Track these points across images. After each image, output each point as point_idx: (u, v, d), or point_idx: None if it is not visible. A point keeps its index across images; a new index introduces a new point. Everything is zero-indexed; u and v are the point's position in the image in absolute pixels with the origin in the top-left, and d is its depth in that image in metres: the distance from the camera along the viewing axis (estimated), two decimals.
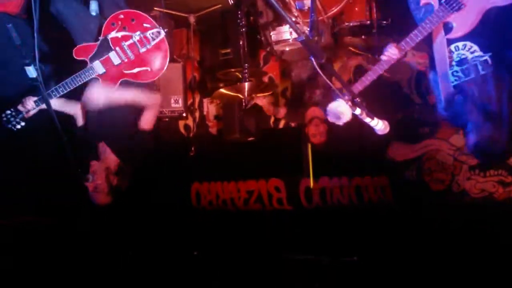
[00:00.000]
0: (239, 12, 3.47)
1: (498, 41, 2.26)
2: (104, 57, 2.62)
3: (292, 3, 2.82)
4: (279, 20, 3.15)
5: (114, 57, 2.62)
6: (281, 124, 4.31)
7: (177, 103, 4.18)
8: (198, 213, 4.52)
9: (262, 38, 3.45)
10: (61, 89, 2.54)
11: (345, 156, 3.71)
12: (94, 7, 2.74)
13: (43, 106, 2.55)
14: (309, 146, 3.87)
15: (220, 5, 3.99)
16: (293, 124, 4.21)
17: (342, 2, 2.89)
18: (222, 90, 3.74)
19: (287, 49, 3.36)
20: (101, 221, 3.23)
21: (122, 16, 2.65)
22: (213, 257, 3.69)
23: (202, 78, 4.58)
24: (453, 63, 2.32)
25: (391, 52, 2.28)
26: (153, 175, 4.26)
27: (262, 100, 4.19)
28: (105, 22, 2.65)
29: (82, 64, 2.67)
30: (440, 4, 2.25)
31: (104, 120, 2.71)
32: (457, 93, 2.32)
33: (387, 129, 2.05)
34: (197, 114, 4.60)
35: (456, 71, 2.31)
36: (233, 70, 3.92)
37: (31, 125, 2.71)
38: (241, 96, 3.66)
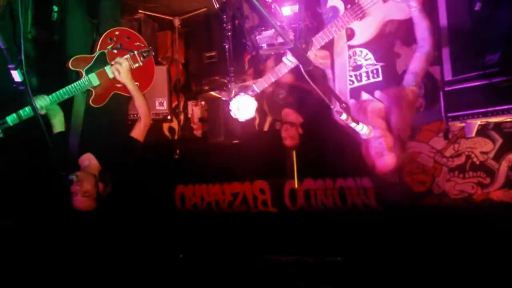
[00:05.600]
0: (224, 16, 3.48)
1: (390, 53, 2.39)
2: (100, 70, 2.72)
3: (278, 9, 2.85)
4: (264, 25, 3.18)
5: (109, 71, 2.73)
6: (266, 126, 4.34)
7: (161, 106, 4.17)
8: (182, 215, 4.51)
9: (248, 42, 3.47)
10: (55, 98, 2.62)
11: (329, 159, 3.77)
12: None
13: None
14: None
15: (205, 8, 4.01)
16: (277, 127, 4.25)
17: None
18: (212, 93, 3.76)
19: (273, 53, 3.39)
20: (84, 224, 3.21)
21: (117, 33, 2.80)
22: (199, 259, 3.70)
23: (187, 80, 4.58)
24: (349, 67, 2.40)
25: (289, 59, 2.33)
26: (137, 177, 4.24)
27: None
28: (102, 37, 2.76)
29: (68, 73, 2.76)
30: (346, 9, 2.33)
31: (94, 129, 2.78)
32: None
33: (372, 133, 2.11)
34: (181, 117, 4.60)
35: (350, 75, 2.40)
36: (218, 77, 3.94)
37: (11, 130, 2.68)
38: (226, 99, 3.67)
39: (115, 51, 2.76)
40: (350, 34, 2.36)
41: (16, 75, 2.01)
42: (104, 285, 3.41)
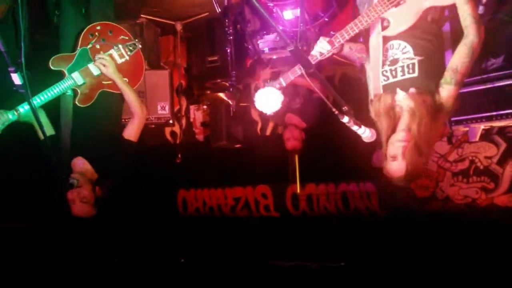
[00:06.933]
0: (226, 20, 3.49)
1: (432, 46, 2.11)
2: (83, 68, 2.59)
3: (279, 13, 2.85)
4: (266, 29, 3.18)
5: (93, 68, 2.60)
6: (268, 131, 4.33)
7: (163, 110, 4.17)
8: (184, 220, 4.50)
9: (250, 46, 3.48)
10: (38, 100, 2.45)
11: (332, 163, 3.75)
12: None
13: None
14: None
15: (207, 13, 4.02)
16: (279, 131, 4.24)
17: (328, 11, 2.94)
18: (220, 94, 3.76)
19: (275, 57, 3.39)
20: (84, 228, 3.19)
21: (99, 28, 2.65)
22: (200, 264, 3.68)
23: (189, 85, 4.58)
24: (387, 62, 2.16)
25: (321, 46, 2.12)
26: (139, 182, 4.24)
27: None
28: (82, 33, 2.61)
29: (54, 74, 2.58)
30: None
31: (86, 132, 2.64)
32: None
33: (374, 137, 2.07)
34: (183, 121, 4.59)
35: (386, 71, 2.16)
36: (219, 80, 3.94)
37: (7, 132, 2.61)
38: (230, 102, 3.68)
39: (97, 46, 2.61)
40: (386, 25, 2.12)
41: (16, 78, 2.00)
42: None
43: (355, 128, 1.98)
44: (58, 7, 2.71)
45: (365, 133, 2.00)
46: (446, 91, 1.98)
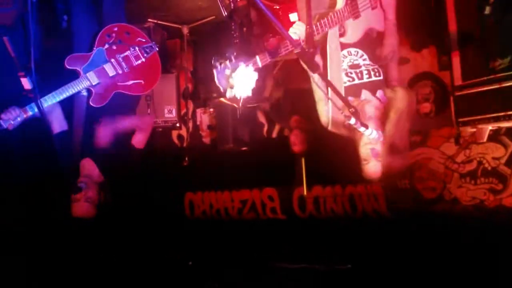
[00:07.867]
0: (232, 23, 3.51)
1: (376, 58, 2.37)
2: (98, 68, 2.61)
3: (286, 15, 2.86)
4: (272, 31, 3.19)
5: (109, 69, 2.63)
6: (275, 133, 4.34)
7: (170, 113, 4.20)
8: (192, 223, 4.51)
9: (256, 49, 3.49)
10: (51, 98, 2.47)
11: (338, 165, 3.74)
12: None
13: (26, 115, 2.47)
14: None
15: (213, 16, 4.05)
16: (286, 133, 4.25)
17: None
18: (222, 99, 3.78)
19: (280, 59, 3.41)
20: (90, 233, 3.21)
21: (116, 29, 2.68)
22: (208, 267, 3.68)
23: (195, 88, 4.61)
24: (345, 66, 2.35)
25: (296, 31, 2.25)
26: (146, 185, 4.26)
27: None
28: (100, 34, 2.65)
29: (69, 74, 2.62)
30: (346, 4, 2.28)
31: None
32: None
33: (381, 138, 2.09)
34: (190, 124, 4.62)
35: (351, 72, 2.35)
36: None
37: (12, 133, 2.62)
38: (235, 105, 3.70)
39: (114, 47, 2.65)
40: (342, 32, 2.33)
41: (26, 83, 2.03)
42: None
43: (362, 129, 1.99)
44: (67, 12, 2.76)
45: (372, 134, 2.01)
46: (408, 95, 2.25)
